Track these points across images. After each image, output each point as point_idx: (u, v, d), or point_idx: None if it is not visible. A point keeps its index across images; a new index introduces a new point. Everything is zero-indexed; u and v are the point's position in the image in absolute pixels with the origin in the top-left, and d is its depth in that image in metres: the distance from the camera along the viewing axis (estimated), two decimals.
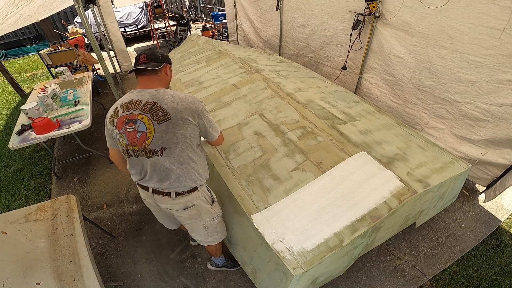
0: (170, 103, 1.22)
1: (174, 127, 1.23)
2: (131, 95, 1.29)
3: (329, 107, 2.40)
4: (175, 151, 1.27)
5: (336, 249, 1.44)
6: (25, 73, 6.63)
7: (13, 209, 2.14)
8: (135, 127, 1.23)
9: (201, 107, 1.29)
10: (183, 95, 1.28)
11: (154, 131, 1.22)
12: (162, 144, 1.25)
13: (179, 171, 1.32)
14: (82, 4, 1.79)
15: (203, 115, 1.31)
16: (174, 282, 2.01)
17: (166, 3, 9.40)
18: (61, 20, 8.33)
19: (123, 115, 1.26)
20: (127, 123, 1.25)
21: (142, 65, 1.26)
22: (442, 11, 2.27)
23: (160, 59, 1.30)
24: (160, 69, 1.30)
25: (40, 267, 1.42)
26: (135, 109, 1.23)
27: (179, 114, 1.22)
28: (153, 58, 1.29)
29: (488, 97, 2.20)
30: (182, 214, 1.46)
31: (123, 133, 1.26)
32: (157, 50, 1.32)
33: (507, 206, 2.44)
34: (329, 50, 3.71)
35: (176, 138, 1.25)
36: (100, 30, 4.30)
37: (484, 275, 1.95)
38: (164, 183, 1.34)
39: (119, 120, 1.27)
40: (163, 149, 1.25)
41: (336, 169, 1.81)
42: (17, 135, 2.57)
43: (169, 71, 1.38)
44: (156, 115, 1.21)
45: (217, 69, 3.24)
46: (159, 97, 1.24)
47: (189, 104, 1.26)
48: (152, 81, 1.30)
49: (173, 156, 1.28)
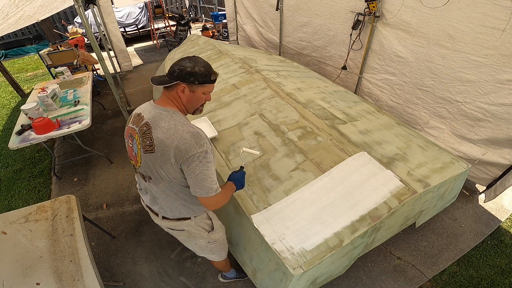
0: (161, 134, 1.06)
1: (155, 162, 1.10)
2: (146, 106, 1.19)
3: (329, 107, 2.40)
4: (159, 184, 1.17)
5: (336, 249, 1.44)
6: (25, 73, 6.63)
7: (13, 209, 2.14)
8: (132, 145, 1.18)
9: (194, 152, 1.04)
10: (185, 128, 1.07)
11: (141, 158, 1.15)
12: (147, 173, 1.17)
13: (165, 202, 1.24)
14: (82, 4, 1.79)
15: (190, 162, 1.05)
16: (174, 282, 2.01)
17: (166, 3, 9.40)
18: (61, 20, 8.33)
19: (130, 127, 1.20)
20: (129, 136, 1.20)
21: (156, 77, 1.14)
22: (443, 11, 2.27)
23: (174, 76, 1.09)
24: (172, 86, 1.12)
25: (40, 267, 1.42)
26: (137, 125, 1.15)
27: (163, 150, 1.06)
28: (170, 72, 1.10)
29: (488, 97, 2.20)
30: (171, 232, 1.41)
31: (126, 144, 1.25)
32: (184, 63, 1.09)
33: (507, 206, 2.44)
34: (331, 50, 3.71)
35: (158, 174, 1.13)
36: (100, 30, 4.29)
37: (484, 275, 1.95)
38: (153, 205, 1.30)
39: (127, 129, 1.22)
40: (149, 177, 1.18)
41: (336, 169, 1.81)
42: (17, 135, 2.57)
43: (187, 92, 1.12)
44: (144, 143, 1.11)
45: (217, 69, 3.24)
46: (158, 121, 1.09)
47: (180, 142, 1.04)
48: (165, 97, 1.16)
49: (158, 187, 1.19)
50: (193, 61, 1.10)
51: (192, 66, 1.08)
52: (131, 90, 5.05)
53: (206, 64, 1.13)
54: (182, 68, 1.08)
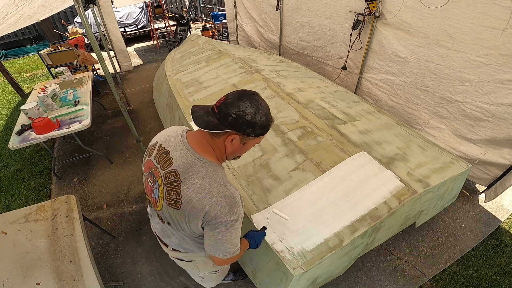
0: (192, 193, 0.90)
1: (179, 217, 0.97)
2: (176, 142, 0.97)
3: (329, 107, 2.40)
4: (178, 231, 1.07)
5: (336, 249, 1.44)
6: (25, 73, 6.63)
7: (13, 209, 2.14)
8: (153, 185, 1.02)
9: (223, 220, 0.90)
10: (220, 191, 0.90)
11: (162, 207, 1.00)
12: (167, 220, 1.05)
13: (179, 241, 1.14)
14: (82, 4, 1.79)
15: (216, 227, 0.92)
16: (174, 282, 2.01)
17: (166, 3, 9.40)
18: (61, 20, 8.33)
19: (153, 163, 1.01)
20: (150, 174, 1.03)
21: (202, 114, 0.90)
22: (443, 11, 2.26)
23: (228, 121, 0.85)
24: (218, 134, 0.89)
25: (40, 267, 1.42)
26: (163, 167, 0.96)
27: (191, 211, 0.91)
28: (223, 114, 0.85)
29: (488, 96, 2.20)
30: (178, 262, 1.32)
31: (144, 178, 1.09)
32: (243, 107, 0.84)
33: (507, 206, 2.44)
34: (331, 50, 3.71)
35: (179, 225, 1.01)
36: (100, 30, 4.29)
37: (484, 275, 1.95)
38: (164, 238, 1.20)
39: (148, 163, 1.05)
40: (168, 223, 1.06)
41: (336, 169, 1.81)
42: (17, 135, 2.57)
43: (237, 142, 0.91)
44: (170, 195, 0.94)
45: (217, 69, 3.24)
46: (190, 175, 0.91)
47: (212, 206, 0.89)
48: (204, 140, 0.94)
49: (176, 231, 1.08)
50: (255, 105, 0.85)
51: (253, 114, 0.85)
52: (131, 90, 5.05)
53: (268, 111, 0.90)
54: (241, 114, 0.84)
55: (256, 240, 1.25)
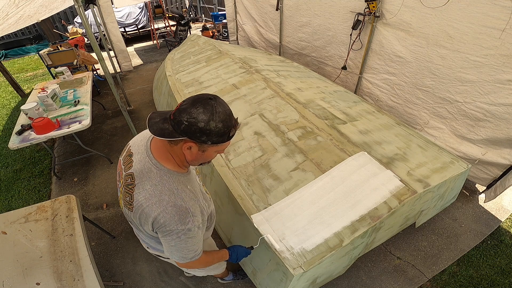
0: (142, 198, 0.90)
1: (134, 218, 0.98)
2: (140, 145, 0.98)
3: (329, 107, 2.40)
4: (140, 233, 1.09)
5: (336, 249, 1.44)
6: (25, 73, 6.63)
7: (13, 209, 2.14)
8: (118, 185, 1.06)
9: (173, 228, 0.89)
10: (171, 200, 0.88)
11: (123, 207, 1.03)
12: (130, 219, 1.05)
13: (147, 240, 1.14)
14: (82, 4, 1.79)
15: (166, 235, 0.91)
16: (174, 282, 2.01)
17: (166, 3, 9.40)
18: (61, 20, 8.34)
19: (120, 164, 1.05)
20: (118, 174, 1.07)
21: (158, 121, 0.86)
22: (442, 11, 2.27)
23: (181, 129, 0.81)
24: (175, 141, 0.86)
25: (40, 267, 1.42)
26: (125, 170, 0.98)
27: (141, 215, 0.92)
28: (176, 122, 0.81)
29: (488, 97, 2.20)
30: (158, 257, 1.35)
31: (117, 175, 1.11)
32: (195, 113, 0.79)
33: (507, 206, 2.44)
34: (331, 50, 3.71)
35: (137, 226, 1.03)
36: (100, 30, 4.29)
37: (484, 275, 1.95)
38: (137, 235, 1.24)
39: (119, 162, 1.08)
40: (132, 221, 1.06)
41: (336, 169, 1.81)
42: (17, 135, 2.57)
43: (195, 150, 0.87)
44: (125, 196, 0.96)
45: (217, 69, 3.24)
46: (143, 180, 0.90)
47: (161, 215, 0.88)
48: (164, 148, 0.93)
49: (139, 232, 1.10)
50: (209, 112, 0.80)
51: (206, 121, 0.80)
52: (131, 90, 5.05)
53: (226, 117, 0.84)
54: (193, 121, 0.79)
55: (238, 255, 1.26)
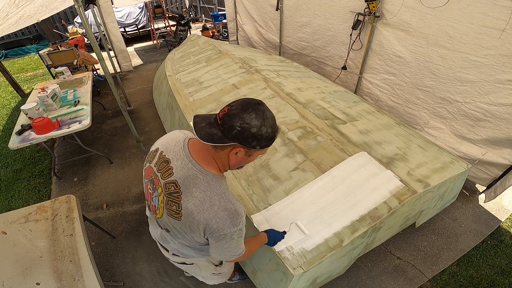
0: (192, 205, 0.88)
1: (181, 228, 0.96)
2: (178, 151, 0.94)
3: (329, 107, 2.40)
4: (175, 241, 1.07)
5: (336, 249, 1.44)
6: (25, 73, 6.63)
7: (13, 209, 2.14)
8: (152, 192, 1.01)
9: (226, 232, 0.89)
10: (222, 204, 0.88)
11: (162, 216, 0.99)
12: (166, 227, 1.03)
13: (179, 248, 1.13)
14: (82, 4, 1.79)
15: (220, 239, 0.92)
16: (174, 282, 2.01)
17: (166, 3, 9.40)
18: (61, 20, 8.34)
19: (153, 170, 0.99)
20: (150, 181, 1.01)
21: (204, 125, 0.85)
22: (442, 11, 2.27)
23: (232, 134, 0.80)
24: (222, 146, 0.85)
25: (40, 267, 1.42)
26: (163, 177, 0.94)
27: (191, 222, 0.90)
28: (227, 127, 0.81)
29: (488, 97, 2.20)
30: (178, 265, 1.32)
31: (144, 184, 1.07)
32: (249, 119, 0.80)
33: (507, 206, 2.44)
34: (331, 50, 3.71)
35: (179, 236, 1.01)
36: (100, 30, 4.29)
37: (484, 275, 1.95)
38: (164, 243, 1.18)
39: (148, 169, 1.03)
40: (166, 230, 1.04)
41: (336, 169, 1.81)
42: (17, 135, 2.57)
43: (241, 155, 0.87)
44: (170, 205, 0.92)
45: (217, 69, 3.24)
46: (190, 187, 0.88)
47: (213, 220, 0.87)
48: (207, 152, 0.91)
49: (175, 239, 1.06)
50: (261, 117, 0.81)
51: (259, 126, 0.80)
52: (131, 90, 5.05)
53: (273, 122, 0.85)
54: (246, 127, 0.79)
55: (275, 239, 1.31)
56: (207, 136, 0.82)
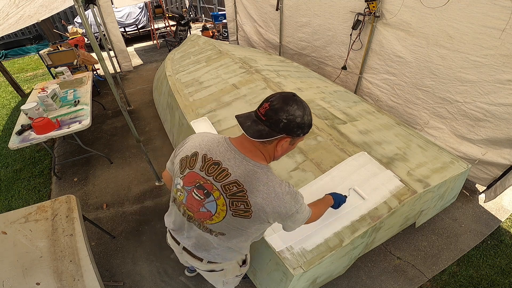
0: (261, 199, 0.91)
1: (247, 225, 0.97)
2: (224, 151, 0.95)
3: (329, 107, 2.40)
4: (232, 241, 1.05)
5: (336, 249, 1.44)
6: (25, 73, 6.63)
7: (13, 209, 2.14)
8: (204, 199, 0.97)
9: (293, 210, 0.96)
10: (283, 190, 0.93)
11: (223, 219, 0.96)
12: (223, 231, 1.01)
13: (222, 253, 1.12)
14: (82, 4, 1.79)
15: (290, 218, 0.98)
16: (174, 282, 2.01)
17: (166, 3, 9.40)
18: (61, 20, 8.34)
19: (198, 175, 0.96)
20: (198, 187, 0.97)
21: (250, 124, 0.88)
22: (442, 11, 2.27)
23: (279, 127, 0.85)
24: (271, 140, 0.89)
25: (40, 267, 1.42)
26: (217, 179, 0.93)
27: (262, 216, 0.93)
28: (273, 121, 0.85)
29: (488, 97, 2.20)
30: (205, 273, 1.30)
31: (186, 192, 1.01)
32: (292, 111, 0.85)
33: (507, 206, 2.44)
34: (331, 50, 3.71)
35: (241, 233, 1.01)
36: (100, 30, 4.28)
37: (484, 275, 1.95)
38: (200, 252, 1.13)
39: (190, 175, 0.98)
40: (222, 234, 1.02)
41: (336, 169, 1.81)
42: (17, 135, 2.57)
43: (287, 144, 0.92)
44: (236, 206, 0.92)
45: (217, 69, 3.24)
46: (254, 184, 0.91)
47: (282, 206, 0.93)
48: (254, 147, 0.93)
49: (226, 243, 1.06)
50: (302, 107, 0.88)
51: (302, 116, 0.87)
52: (131, 90, 5.05)
53: (310, 110, 0.93)
54: (291, 118, 0.85)
55: (339, 201, 1.41)
56: (257, 133, 0.86)
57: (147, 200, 2.69)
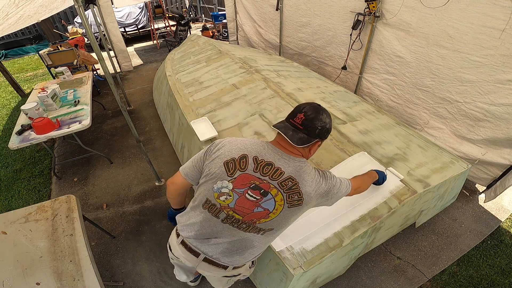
0: (309, 188, 1.05)
1: (298, 213, 1.09)
2: (270, 153, 1.06)
3: (329, 107, 2.40)
4: (277, 233, 1.13)
5: (336, 249, 1.44)
6: (25, 73, 6.63)
7: (13, 209, 2.14)
8: (261, 199, 1.03)
9: (329, 187, 1.11)
10: (317, 176, 1.09)
11: (280, 213, 1.05)
12: (273, 226, 1.08)
13: (257, 251, 1.16)
14: (82, 4, 1.79)
15: (328, 194, 1.12)
16: (174, 282, 2.01)
17: (166, 3, 9.40)
18: (61, 20, 8.34)
19: (253, 176, 1.03)
20: (253, 188, 1.03)
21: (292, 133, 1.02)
22: (442, 11, 2.27)
23: (315, 133, 1.03)
24: (309, 145, 1.05)
25: (40, 267, 1.42)
26: (273, 178, 1.03)
27: (310, 201, 1.07)
28: (310, 129, 1.02)
29: (488, 97, 2.20)
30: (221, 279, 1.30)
31: (236, 194, 1.04)
32: (324, 118, 1.04)
33: (507, 206, 2.44)
34: (331, 50, 3.71)
35: (288, 223, 1.11)
36: (100, 30, 4.28)
37: (484, 275, 1.95)
38: (232, 257, 1.12)
39: (243, 177, 1.03)
40: (271, 229, 1.09)
41: (336, 169, 1.81)
42: (17, 135, 2.57)
43: (318, 147, 1.12)
44: (291, 198, 1.03)
45: (217, 69, 3.24)
46: (303, 176, 1.05)
47: (321, 189, 1.08)
48: (294, 149, 1.07)
49: (270, 237, 1.13)
50: (328, 115, 1.06)
51: (330, 122, 1.07)
52: (131, 90, 5.05)
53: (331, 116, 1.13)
54: (324, 125, 1.03)
55: (383, 176, 1.62)
56: (299, 140, 1.01)
57: (147, 200, 2.69)
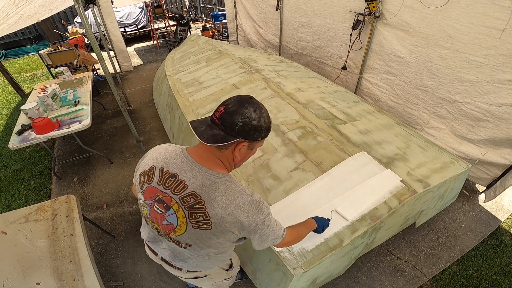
0: (220, 210, 0.87)
1: (211, 237, 0.94)
2: (180, 162, 0.92)
3: (329, 107, 2.40)
4: (201, 252, 1.02)
5: (336, 249, 1.44)
6: (25, 73, 6.64)
7: (13, 209, 2.14)
8: (164, 212, 0.94)
9: (258, 221, 0.91)
10: (244, 199, 0.90)
11: (184, 231, 0.94)
12: (189, 242, 0.98)
13: (199, 262, 1.10)
14: (82, 4, 1.79)
15: (256, 231, 0.93)
16: (174, 282, 2.01)
17: (166, 3, 9.40)
18: (61, 20, 8.34)
19: (156, 189, 0.94)
20: (157, 201, 0.95)
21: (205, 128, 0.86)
22: (442, 11, 2.27)
23: (235, 131, 0.83)
24: (227, 145, 0.87)
25: (40, 267, 1.42)
26: (174, 192, 0.90)
27: (223, 226, 0.89)
28: (228, 125, 0.83)
29: (488, 97, 2.20)
30: (191, 280, 1.27)
31: (148, 206, 0.99)
32: (248, 113, 0.83)
33: (507, 206, 2.44)
34: (331, 50, 3.71)
35: (208, 244, 0.98)
36: (100, 30, 4.29)
37: (484, 275, 1.95)
38: (177, 262, 1.11)
39: (149, 190, 0.96)
40: (189, 245, 1.00)
41: (336, 169, 1.81)
42: (17, 135, 2.57)
43: (245, 149, 0.90)
44: (195, 218, 0.89)
45: (217, 69, 3.24)
46: (211, 194, 0.88)
47: (243, 216, 0.89)
48: (212, 155, 0.90)
49: (198, 252, 1.03)
50: (258, 109, 0.85)
51: (258, 118, 0.84)
52: (131, 90, 5.05)
53: (267, 113, 0.90)
54: (247, 121, 0.82)
55: (323, 225, 1.34)
56: (211, 138, 0.83)
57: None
